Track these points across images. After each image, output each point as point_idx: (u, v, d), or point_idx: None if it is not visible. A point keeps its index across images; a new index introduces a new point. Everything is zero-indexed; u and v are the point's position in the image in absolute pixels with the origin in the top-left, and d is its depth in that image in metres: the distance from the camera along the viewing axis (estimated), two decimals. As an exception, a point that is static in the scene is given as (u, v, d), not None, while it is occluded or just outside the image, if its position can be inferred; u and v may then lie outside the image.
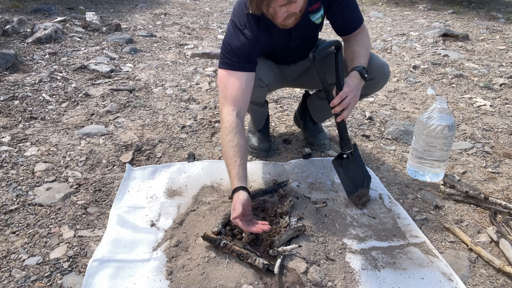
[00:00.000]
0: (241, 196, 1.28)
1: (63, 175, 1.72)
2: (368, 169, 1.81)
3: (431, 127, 1.62)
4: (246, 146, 1.54)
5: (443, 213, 1.55)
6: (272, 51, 1.67)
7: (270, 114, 2.40)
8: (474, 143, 2.10)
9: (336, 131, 2.21)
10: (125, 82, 2.85)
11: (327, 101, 1.46)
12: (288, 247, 1.24)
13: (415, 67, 3.34)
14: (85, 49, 3.50)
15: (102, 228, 1.42)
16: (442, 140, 1.62)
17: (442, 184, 1.70)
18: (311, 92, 2.06)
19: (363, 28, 1.62)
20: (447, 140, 1.63)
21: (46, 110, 2.34)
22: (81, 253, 1.30)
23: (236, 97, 1.47)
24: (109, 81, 2.85)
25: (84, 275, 1.19)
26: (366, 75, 1.48)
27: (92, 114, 2.31)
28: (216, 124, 2.24)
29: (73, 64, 3.11)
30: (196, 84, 2.90)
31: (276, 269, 1.17)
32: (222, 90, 1.50)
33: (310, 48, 1.44)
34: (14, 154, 1.86)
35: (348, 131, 1.54)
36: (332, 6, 1.55)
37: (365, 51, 1.55)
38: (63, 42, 3.61)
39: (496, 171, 1.85)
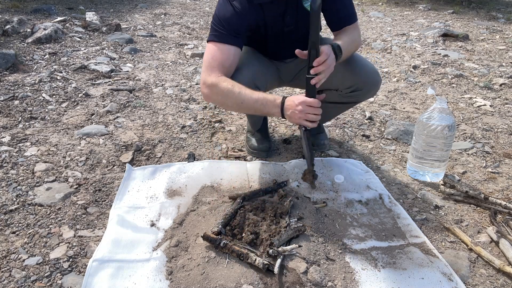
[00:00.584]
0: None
1: (63, 175, 1.72)
2: (367, 168, 1.81)
3: (431, 127, 1.62)
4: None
5: (443, 213, 1.55)
6: (265, 37, 1.64)
7: (270, 114, 2.41)
8: (474, 143, 2.10)
9: (336, 131, 2.21)
10: (125, 82, 2.85)
11: (309, 60, 1.42)
12: (288, 247, 1.24)
13: (415, 67, 3.34)
14: (85, 49, 3.50)
15: (102, 228, 1.42)
16: (442, 140, 1.62)
17: (442, 184, 1.70)
18: None
19: (354, 26, 1.61)
20: (447, 140, 1.63)
21: (46, 110, 2.34)
22: (81, 253, 1.30)
23: (223, 68, 1.47)
24: (109, 81, 2.85)
25: (84, 275, 1.19)
26: (339, 54, 1.45)
27: (92, 114, 2.31)
28: (216, 124, 2.24)
29: (73, 64, 3.11)
30: (196, 84, 2.90)
31: (276, 269, 1.17)
32: (208, 61, 1.48)
33: (304, 42, 1.43)
34: (14, 154, 1.86)
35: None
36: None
37: (348, 40, 1.53)
38: (63, 42, 3.61)
39: (496, 171, 1.85)
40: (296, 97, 1.41)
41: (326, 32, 4.60)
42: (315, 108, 1.41)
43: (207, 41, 1.54)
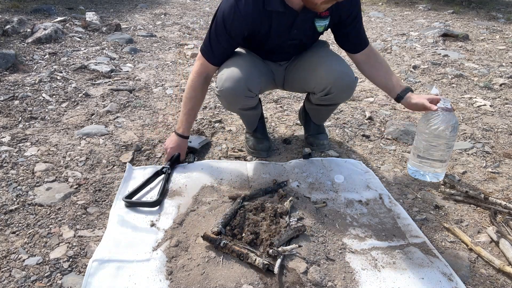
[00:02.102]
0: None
1: (63, 175, 1.72)
2: (367, 168, 1.81)
3: (433, 127, 1.61)
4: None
5: (443, 213, 1.55)
6: (265, 43, 1.63)
7: (270, 114, 2.41)
8: (474, 143, 2.10)
9: (336, 131, 2.21)
10: (125, 82, 2.85)
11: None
12: (288, 247, 1.24)
13: (415, 67, 3.34)
14: (85, 49, 3.50)
15: (102, 228, 1.42)
16: (444, 140, 1.62)
17: (442, 184, 1.70)
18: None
19: (372, 48, 1.73)
20: (449, 140, 1.63)
21: (46, 110, 2.34)
22: (81, 253, 1.30)
23: (206, 77, 1.67)
24: (109, 81, 2.85)
25: (84, 275, 1.19)
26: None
27: (92, 114, 2.31)
28: (216, 124, 2.24)
29: (73, 64, 3.11)
30: (196, 84, 2.90)
31: (276, 269, 1.17)
32: (197, 67, 1.66)
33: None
34: (14, 154, 1.86)
35: None
36: (342, 23, 1.61)
37: (386, 66, 1.72)
38: (63, 42, 3.61)
39: (496, 171, 1.85)
40: (176, 145, 1.77)
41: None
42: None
43: (200, 50, 1.64)
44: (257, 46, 1.69)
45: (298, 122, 2.26)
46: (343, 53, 1.87)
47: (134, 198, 1.54)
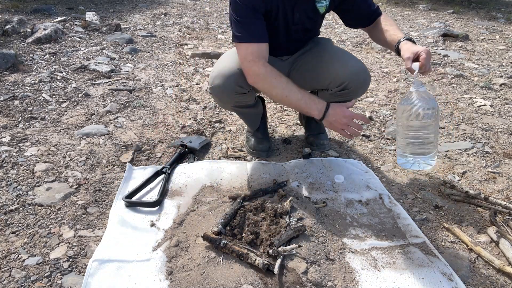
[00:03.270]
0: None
1: (63, 175, 1.72)
2: (367, 168, 1.81)
3: (409, 112, 1.46)
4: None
5: (443, 213, 1.55)
6: (271, 29, 1.59)
7: (270, 114, 2.41)
8: (474, 143, 2.10)
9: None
10: (125, 82, 2.85)
11: None
12: (288, 247, 1.24)
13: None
14: (85, 49, 3.50)
15: (102, 228, 1.42)
16: (423, 124, 1.48)
17: (442, 184, 1.70)
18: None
19: (385, 16, 1.65)
20: (429, 124, 1.48)
21: (46, 110, 2.34)
22: (81, 253, 1.30)
23: (263, 59, 1.48)
24: (109, 81, 2.85)
25: (84, 275, 1.19)
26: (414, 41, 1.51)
27: (92, 114, 2.31)
28: (216, 124, 2.24)
29: (73, 64, 3.11)
30: (196, 84, 2.90)
31: (276, 269, 1.17)
32: (245, 56, 1.47)
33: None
34: (14, 154, 1.86)
35: None
36: (345, 1, 1.58)
37: (394, 24, 1.60)
38: (63, 42, 3.61)
39: (496, 171, 1.85)
40: (342, 109, 1.48)
41: (326, 32, 4.61)
42: (359, 125, 1.51)
43: (236, 41, 1.49)
44: (270, 31, 1.61)
45: (298, 122, 2.26)
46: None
47: (134, 198, 1.54)
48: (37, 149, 1.91)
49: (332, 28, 4.82)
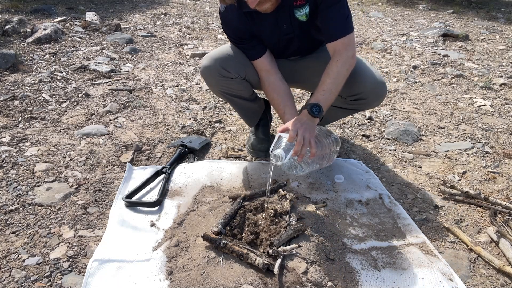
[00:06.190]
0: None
1: (63, 175, 1.72)
2: (367, 168, 1.81)
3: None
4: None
5: (443, 213, 1.55)
6: (265, 39, 1.62)
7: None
8: (474, 143, 2.10)
9: (336, 131, 2.21)
10: (125, 82, 2.85)
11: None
12: (288, 247, 1.24)
13: (415, 67, 3.34)
14: (85, 49, 3.50)
15: (102, 228, 1.42)
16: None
17: (442, 184, 1.70)
18: None
19: (345, 46, 1.46)
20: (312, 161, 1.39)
21: (46, 110, 2.34)
22: (81, 253, 1.30)
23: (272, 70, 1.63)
24: (109, 81, 2.85)
25: (84, 275, 1.19)
26: (316, 114, 1.38)
27: (92, 114, 2.31)
28: (216, 124, 2.24)
29: (73, 64, 3.11)
30: (196, 84, 2.90)
31: (276, 269, 1.17)
32: (264, 70, 1.63)
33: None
34: (14, 154, 1.86)
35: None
36: (318, 6, 1.48)
37: (331, 80, 1.44)
38: (63, 42, 3.61)
39: (496, 171, 1.85)
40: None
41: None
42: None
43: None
44: (266, 44, 1.65)
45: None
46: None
47: (134, 198, 1.54)
48: (37, 149, 1.91)
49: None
